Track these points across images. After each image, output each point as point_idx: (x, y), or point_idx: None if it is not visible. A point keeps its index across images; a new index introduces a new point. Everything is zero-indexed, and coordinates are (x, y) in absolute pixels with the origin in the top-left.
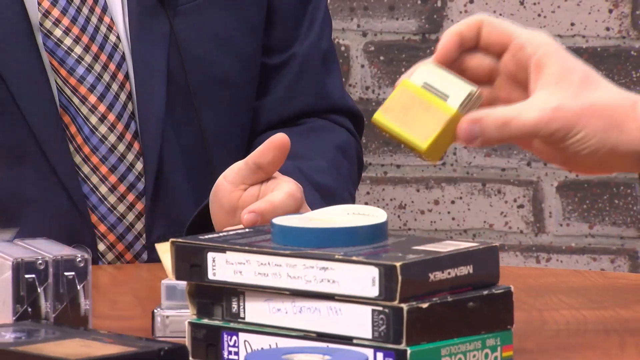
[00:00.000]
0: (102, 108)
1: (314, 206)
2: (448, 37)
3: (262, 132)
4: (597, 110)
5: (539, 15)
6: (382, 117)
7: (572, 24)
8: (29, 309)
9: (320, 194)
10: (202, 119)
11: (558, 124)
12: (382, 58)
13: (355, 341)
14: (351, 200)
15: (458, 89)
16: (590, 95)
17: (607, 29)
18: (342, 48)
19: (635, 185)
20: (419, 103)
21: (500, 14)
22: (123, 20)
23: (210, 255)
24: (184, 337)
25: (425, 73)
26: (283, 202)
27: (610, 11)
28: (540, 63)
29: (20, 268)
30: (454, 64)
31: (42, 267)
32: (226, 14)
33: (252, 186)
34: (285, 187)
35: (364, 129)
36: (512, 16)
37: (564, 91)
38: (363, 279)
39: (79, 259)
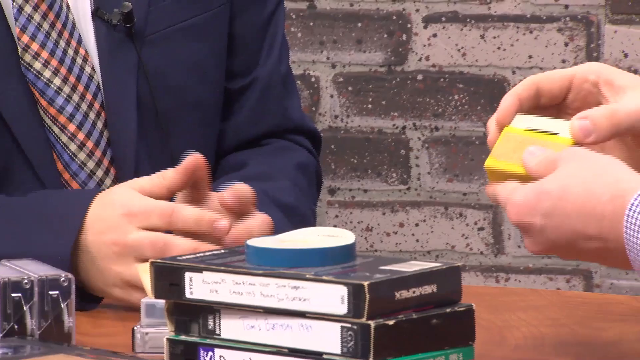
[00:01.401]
0: (80, 136)
1: (279, 223)
2: (508, 100)
3: (228, 153)
4: None
5: (499, 48)
6: (495, 161)
7: (530, 57)
8: (16, 326)
9: (284, 212)
10: (172, 143)
11: None
12: (350, 88)
13: (325, 356)
14: (312, 216)
15: (561, 125)
16: None
17: (563, 61)
18: (313, 79)
19: None
20: (530, 142)
21: (462, 47)
22: (96, 52)
23: (188, 275)
24: (163, 353)
25: (523, 120)
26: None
27: (566, 44)
28: (608, 80)
29: (7, 287)
30: None
31: (27, 286)
32: (192, 41)
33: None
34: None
35: (321, 147)
36: (473, 49)
37: None
38: (333, 297)
39: (63, 278)
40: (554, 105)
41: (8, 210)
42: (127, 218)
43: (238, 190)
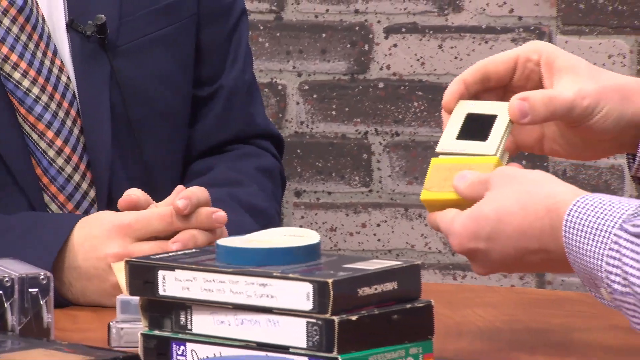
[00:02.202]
0: (58, 142)
1: (248, 225)
2: (453, 86)
3: (196, 159)
4: (612, 88)
5: (456, 57)
6: (428, 193)
7: None
8: None
9: (252, 215)
10: (144, 149)
11: (588, 101)
12: (315, 96)
13: (291, 350)
14: (278, 217)
15: (501, 108)
16: (602, 78)
17: None
18: (279, 87)
19: None
20: (458, 167)
21: (421, 57)
22: (71, 62)
23: (161, 273)
24: (137, 347)
25: (465, 105)
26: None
27: None
28: (548, 62)
29: None
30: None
31: (8, 284)
32: (162, 52)
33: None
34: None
35: (284, 151)
36: (432, 58)
37: (579, 78)
38: (299, 294)
39: (42, 276)
40: (502, 86)
41: None
42: (119, 231)
43: (189, 192)
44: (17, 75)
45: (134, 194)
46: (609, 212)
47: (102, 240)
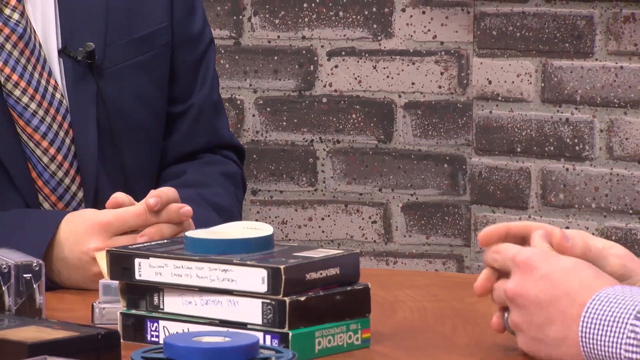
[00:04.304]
0: (52, 150)
1: (213, 221)
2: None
3: (170, 165)
4: None
5: (388, 76)
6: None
7: (413, 83)
8: None
9: (217, 212)
10: (124, 156)
11: None
12: (268, 109)
13: (249, 326)
14: (239, 215)
15: None
16: None
17: (440, 87)
18: (238, 102)
19: (461, 205)
20: None
21: (358, 76)
22: (63, 82)
23: (137, 260)
24: (117, 324)
25: None
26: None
27: (442, 73)
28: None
29: None
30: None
31: (6, 270)
32: (141, 74)
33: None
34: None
35: (245, 159)
36: (367, 77)
37: None
38: (255, 278)
39: (35, 264)
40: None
41: None
42: (100, 228)
43: (160, 192)
44: (17, 92)
45: (120, 197)
46: (622, 305)
47: (85, 236)
